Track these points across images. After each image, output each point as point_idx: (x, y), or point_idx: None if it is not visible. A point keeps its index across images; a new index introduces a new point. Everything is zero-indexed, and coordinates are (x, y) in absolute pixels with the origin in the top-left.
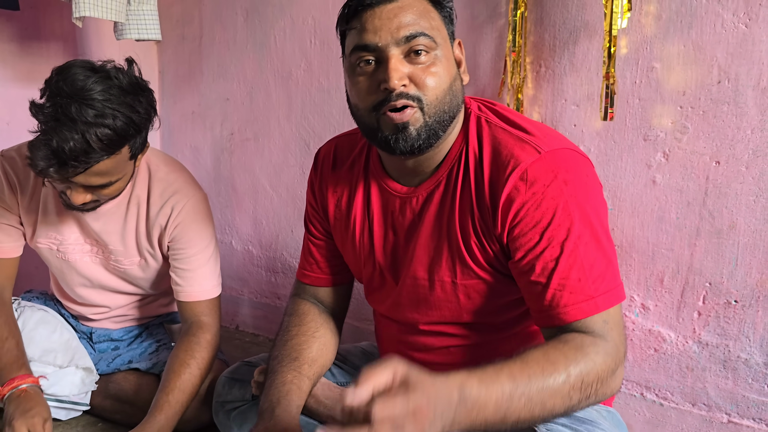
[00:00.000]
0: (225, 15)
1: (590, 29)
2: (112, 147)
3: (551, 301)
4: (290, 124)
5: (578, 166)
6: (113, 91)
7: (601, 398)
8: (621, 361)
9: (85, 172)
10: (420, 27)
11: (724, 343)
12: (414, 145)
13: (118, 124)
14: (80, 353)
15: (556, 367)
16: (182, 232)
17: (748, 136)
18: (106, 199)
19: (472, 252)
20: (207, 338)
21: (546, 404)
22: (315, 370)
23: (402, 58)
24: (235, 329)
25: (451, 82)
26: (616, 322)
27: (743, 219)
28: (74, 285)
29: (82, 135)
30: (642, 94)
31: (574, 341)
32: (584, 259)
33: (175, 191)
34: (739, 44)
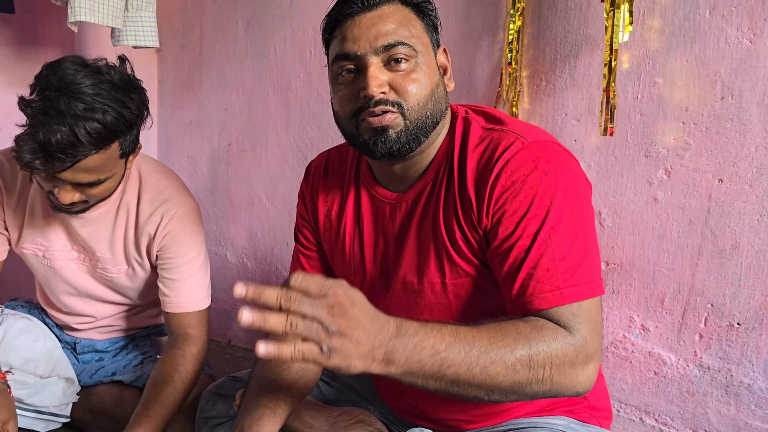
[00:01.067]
0: (226, 25)
1: (592, 43)
2: (100, 142)
3: (519, 289)
4: (288, 135)
5: (560, 158)
6: (104, 86)
7: (560, 389)
8: (588, 357)
9: (73, 168)
10: (399, 36)
11: (726, 367)
12: (393, 148)
13: (107, 119)
14: (62, 363)
15: (504, 337)
16: (171, 241)
17: (752, 154)
18: (95, 201)
19: (459, 248)
20: (193, 351)
21: (488, 369)
22: (294, 393)
23: (381, 66)
24: (227, 343)
25: (433, 88)
26: (589, 317)
27: (746, 239)
28: (60, 293)
29: (70, 128)
30: (644, 109)
31: (535, 322)
32: (555, 251)
33: (166, 199)
34: (743, 60)
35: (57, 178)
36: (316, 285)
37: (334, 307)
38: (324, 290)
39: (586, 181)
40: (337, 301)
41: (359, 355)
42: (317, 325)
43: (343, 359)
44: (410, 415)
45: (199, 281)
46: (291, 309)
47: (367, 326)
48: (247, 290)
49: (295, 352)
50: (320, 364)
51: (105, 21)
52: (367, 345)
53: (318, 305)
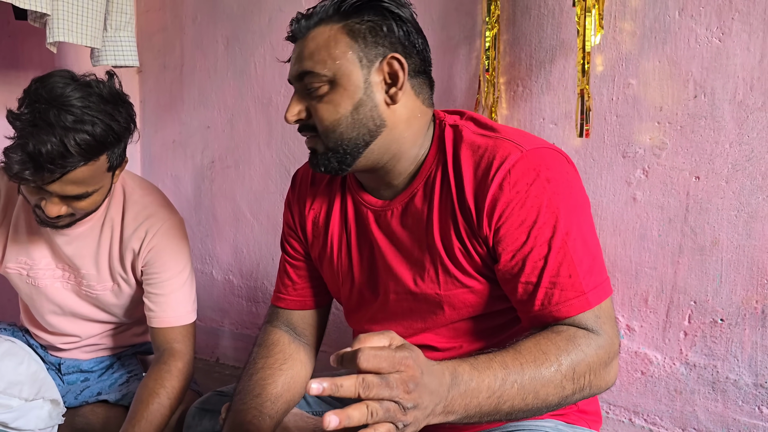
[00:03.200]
0: (206, 43)
1: (566, 48)
2: (90, 153)
3: (543, 299)
4: (270, 150)
5: (559, 164)
6: (93, 99)
7: (596, 391)
8: (615, 354)
9: (61, 180)
10: (305, 65)
11: (711, 363)
12: (326, 168)
13: (97, 131)
14: (47, 385)
15: (547, 356)
16: (156, 256)
17: (727, 150)
18: (81, 214)
19: (456, 259)
20: (179, 366)
21: (539, 393)
22: (279, 407)
23: (302, 92)
24: (215, 361)
25: (351, 110)
26: (608, 315)
27: (725, 235)
28: (44, 312)
29: (59, 139)
30: (619, 110)
31: (566, 332)
32: (573, 256)
33: (150, 215)
34: (714, 59)
35: (44, 191)
36: (388, 362)
37: (408, 383)
38: (396, 365)
39: (581, 183)
40: (411, 375)
41: (425, 417)
42: (395, 405)
43: (415, 427)
44: None
45: (184, 296)
46: (370, 396)
47: (433, 389)
48: (323, 389)
49: None
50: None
51: (84, 41)
52: (431, 406)
53: (394, 386)
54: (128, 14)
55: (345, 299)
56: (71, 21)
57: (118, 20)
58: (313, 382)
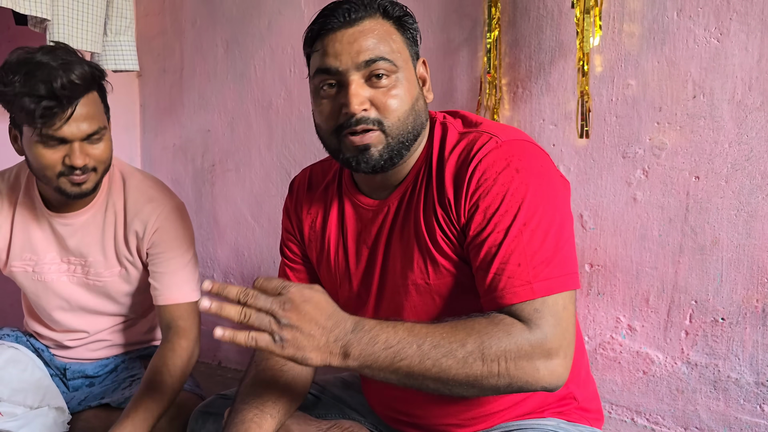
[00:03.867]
0: (205, 47)
1: (565, 49)
2: (89, 83)
3: (490, 284)
4: (271, 153)
5: (533, 156)
6: (60, 52)
7: (521, 384)
8: (549, 352)
9: (74, 118)
10: (380, 51)
11: (713, 362)
12: (376, 166)
13: (84, 68)
14: (52, 392)
15: (456, 331)
16: (160, 237)
17: (726, 150)
18: (101, 169)
19: (440, 247)
20: (182, 345)
21: (440, 362)
22: (280, 407)
23: (363, 83)
24: (217, 365)
25: (413, 102)
26: (554, 312)
27: (726, 234)
28: (52, 309)
29: (63, 72)
30: (619, 111)
31: (493, 318)
32: (527, 246)
33: (152, 198)
34: (712, 59)
35: (63, 143)
36: (273, 285)
37: (286, 303)
38: (279, 289)
39: (560, 178)
40: (289, 297)
41: (314, 347)
42: (269, 317)
43: (297, 350)
44: (401, 423)
45: (188, 274)
46: (247, 303)
47: (321, 322)
48: (212, 286)
49: (248, 338)
50: (274, 352)
51: (84, 46)
52: (322, 339)
53: (272, 301)
54: (128, 18)
55: (343, 300)
56: (71, 26)
57: (118, 24)
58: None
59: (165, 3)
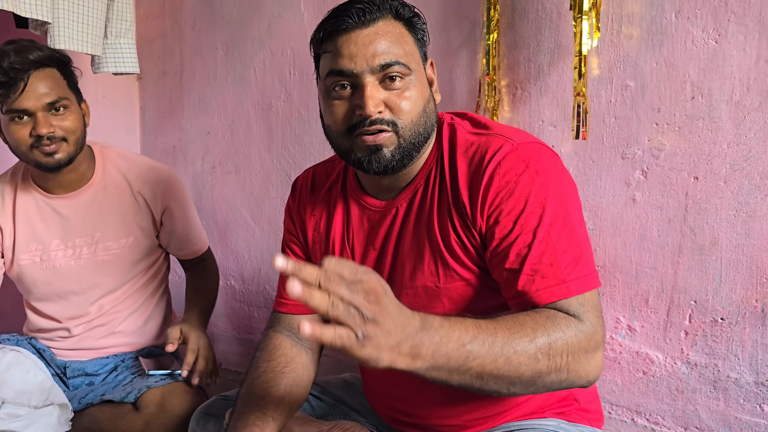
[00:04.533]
0: (205, 49)
1: (564, 51)
2: (43, 61)
3: (524, 286)
4: (271, 155)
5: (549, 157)
6: (24, 42)
7: (575, 378)
8: (598, 345)
9: (30, 90)
10: (394, 55)
11: (712, 362)
12: (387, 166)
13: (43, 51)
14: (55, 392)
15: (523, 327)
16: (171, 198)
17: (725, 151)
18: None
19: (454, 251)
20: (205, 265)
21: (511, 359)
22: (282, 409)
23: (377, 84)
24: (217, 367)
25: (424, 104)
26: (593, 306)
27: (724, 234)
28: (65, 293)
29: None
30: (617, 112)
31: (546, 312)
32: (556, 245)
33: (152, 167)
34: (710, 60)
35: (26, 115)
36: (349, 270)
37: (369, 293)
38: (358, 276)
39: (572, 178)
40: (371, 287)
41: (388, 346)
42: (354, 309)
43: (375, 349)
44: (403, 424)
45: (200, 228)
46: (331, 290)
47: (396, 317)
48: (288, 264)
49: (335, 336)
50: (352, 352)
51: (84, 48)
52: (395, 337)
53: (354, 290)
54: (128, 21)
55: None
56: (72, 29)
57: (118, 27)
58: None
59: (165, 6)
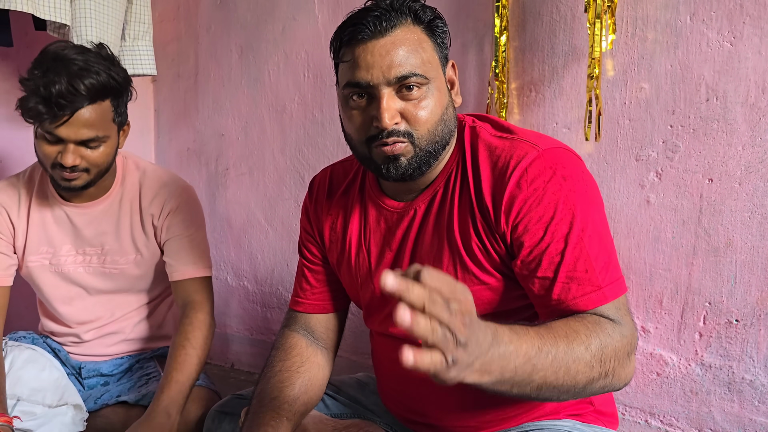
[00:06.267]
0: (220, 52)
1: (578, 53)
2: (95, 94)
3: (560, 294)
4: (285, 157)
5: (574, 163)
6: (92, 55)
7: (617, 382)
8: (635, 347)
9: (73, 122)
10: (412, 66)
11: (727, 364)
12: (405, 174)
13: (101, 78)
14: (70, 391)
15: (578, 334)
16: (175, 217)
17: (740, 153)
18: (95, 171)
19: (474, 255)
20: (200, 318)
21: (570, 369)
22: (297, 409)
23: (394, 95)
24: (230, 368)
25: (442, 112)
26: (627, 309)
27: (739, 236)
28: (70, 300)
29: (68, 81)
30: (632, 114)
31: (591, 318)
32: (589, 251)
33: (165, 183)
34: (726, 62)
35: (59, 141)
36: (447, 287)
37: (465, 315)
38: (455, 294)
39: (595, 182)
40: (467, 309)
41: (465, 366)
42: (450, 334)
43: (458, 372)
44: (417, 424)
45: (201, 252)
46: (432, 313)
47: (479, 338)
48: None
49: (431, 363)
50: (438, 375)
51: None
52: (472, 357)
53: (453, 312)
54: (146, 24)
55: (364, 303)
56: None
57: (136, 30)
58: (389, 275)
59: (180, 9)
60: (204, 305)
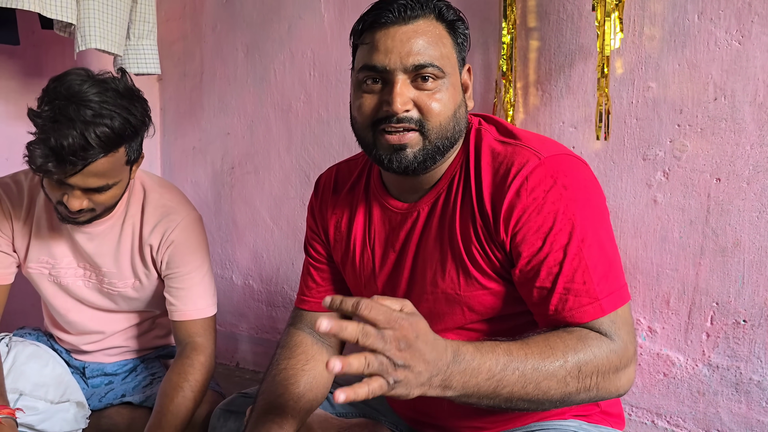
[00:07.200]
0: (226, 51)
1: (585, 52)
2: (109, 146)
3: (557, 305)
4: (290, 156)
5: (577, 170)
6: (109, 94)
7: (605, 394)
8: (629, 360)
9: (83, 172)
10: (430, 57)
11: (735, 365)
12: (409, 167)
13: (115, 124)
14: (72, 388)
15: (554, 351)
16: (175, 251)
17: (748, 152)
18: (102, 209)
19: (475, 260)
20: (201, 360)
21: (540, 385)
22: (302, 407)
23: (408, 83)
24: (235, 366)
25: (455, 109)
26: (624, 321)
27: (747, 236)
28: (68, 310)
29: (80, 132)
30: (639, 113)
31: (578, 332)
32: (588, 262)
33: (168, 212)
34: (734, 61)
35: (66, 185)
36: (384, 316)
37: (400, 341)
38: (391, 323)
39: (600, 188)
40: (403, 335)
41: (418, 384)
42: (386, 360)
43: (404, 389)
44: (423, 424)
45: (204, 289)
46: (365, 344)
47: (428, 356)
48: (331, 327)
49: (369, 392)
50: (384, 393)
51: (112, 48)
52: (426, 374)
53: (387, 339)
54: (151, 23)
55: None
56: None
57: (141, 29)
58: (323, 319)
59: (186, 8)
60: (206, 348)
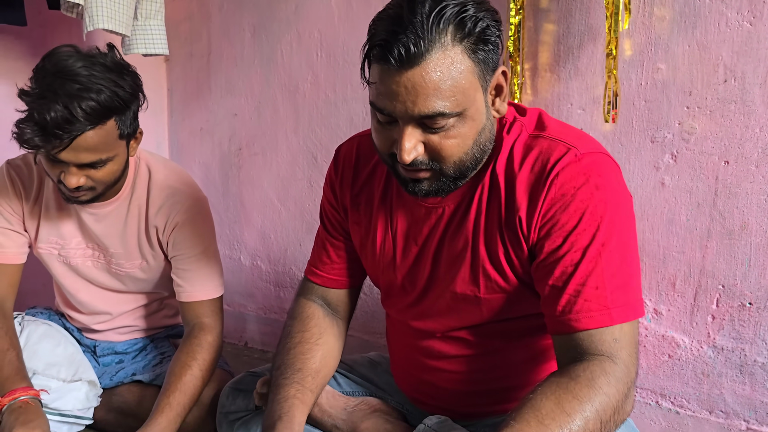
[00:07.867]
0: (232, 32)
1: (594, 33)
2: (96, 118)
3: (564, 306)
4: (297, 137)
5: (611, 172)
6: (97, 68)
7: (619, 425)
8: (632, 382)
9: (73, 147)
10: (440, 107)
11: (739, 347)
12: (428, 195)
13: (102, 97)
14: (84, 366)
15: (572, 416)
16: (180, 233)
17: (757, 135)
18: (102, 187)
19: (499, 263)
20: (209, 340)
21: None
22: (318, 382)
23: (416, 128)
24: (243, 346)
25: (476, 137)
26: (629, 341)
27: (755, 219)
28: (77, 289)
29: (64, 106)
30: (648, 95)
31: (583, 375)
32: (605, 268)
33: (173, 194)
34: (744, 42)
35: (61, 162)
36: None
37: None
38: None
39: (630, 194)
40: None
41: None
42: None
43: None
44: (428, 405)
45: (210, 270)
46: None
47: None
48: None
49: None
50: None
51: (119, 28)
52: None
53: None
54: (158, 3)
55: (384, 286)
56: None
57: (148, 9)
58: None
59: None
60: (214, 328)
